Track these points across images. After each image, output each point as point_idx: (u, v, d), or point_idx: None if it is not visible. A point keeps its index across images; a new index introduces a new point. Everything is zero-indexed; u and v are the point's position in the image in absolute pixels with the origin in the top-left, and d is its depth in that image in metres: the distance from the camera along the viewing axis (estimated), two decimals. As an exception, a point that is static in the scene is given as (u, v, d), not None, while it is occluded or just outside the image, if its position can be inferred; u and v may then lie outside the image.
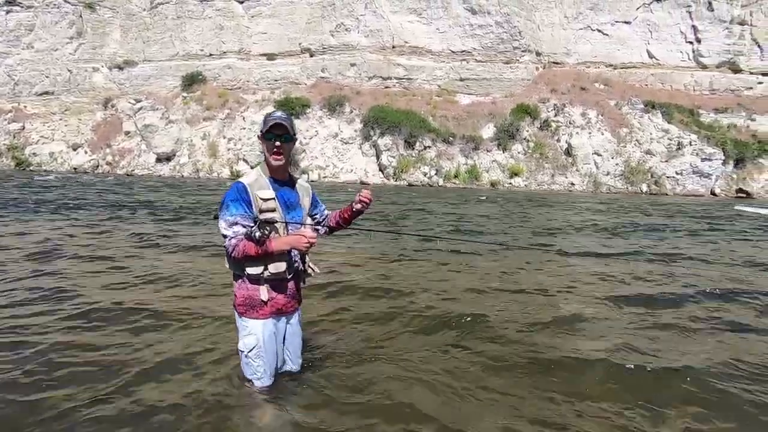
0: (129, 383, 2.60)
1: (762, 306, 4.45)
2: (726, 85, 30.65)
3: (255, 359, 2.37)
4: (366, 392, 2.61)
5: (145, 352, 3.01)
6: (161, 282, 4.74)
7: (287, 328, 2.51)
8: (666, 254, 7.11)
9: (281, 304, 2.39)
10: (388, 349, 3.21)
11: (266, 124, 2.31)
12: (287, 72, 32.40)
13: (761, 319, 4.08)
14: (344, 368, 2.89)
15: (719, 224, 11.61)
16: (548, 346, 3.29)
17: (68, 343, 3.12)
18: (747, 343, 3.51)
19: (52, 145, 31.20)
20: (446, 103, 29.86)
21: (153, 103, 31.16)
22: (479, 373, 2.88)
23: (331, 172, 26.75)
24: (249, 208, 2.23)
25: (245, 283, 2.31)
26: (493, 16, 30.38)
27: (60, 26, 33.09)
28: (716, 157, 25.50)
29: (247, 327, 2.34)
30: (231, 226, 2.20)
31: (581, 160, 26.63)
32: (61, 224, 8.33)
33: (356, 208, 2.47)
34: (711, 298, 4.70)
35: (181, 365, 2.84)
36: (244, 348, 2.36)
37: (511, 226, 10.22)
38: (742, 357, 3.17)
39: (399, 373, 2.83)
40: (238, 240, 2.18)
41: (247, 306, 2.32)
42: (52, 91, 33.17)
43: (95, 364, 2.85)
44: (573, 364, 3.00)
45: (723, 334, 3.66)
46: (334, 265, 5.64)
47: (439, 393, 2.62)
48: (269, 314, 2.35)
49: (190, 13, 33.34)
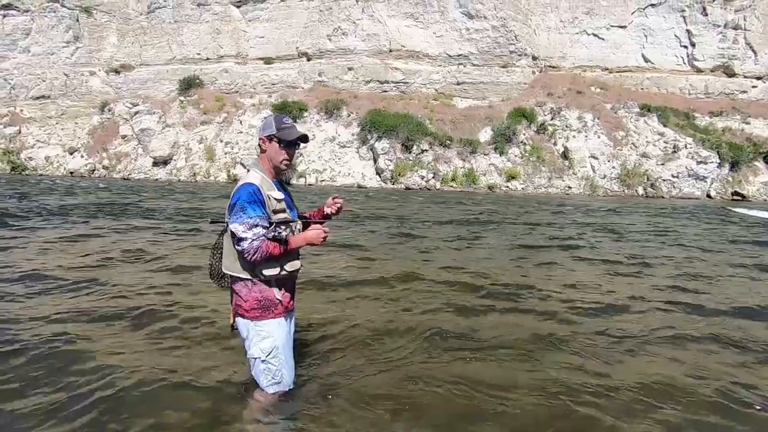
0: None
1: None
2: (721, 88, 30.90)
3: (274, 361, 2.30)
4: (374, 401, 2.53)
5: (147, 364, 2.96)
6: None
7: (290, 327, 2.50)
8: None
9: (288, 301, 2.40)
10: (393, 353, 3.16)
11: (288, 132, 2.29)
12: (284, 76, 32.45)
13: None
14: (349, 374, 2.82)
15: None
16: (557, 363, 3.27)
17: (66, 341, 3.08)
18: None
19: (48, 149, 31.12)
20: (443, 106, 29.97)
21: (150, 107, 31.13)
22: (492, 383, 2.78)
23: (328, 175, 26.75)
24: (264, 209, 2.21)
25: (258, 285, 2.27)
26: (490, 20, 30.56)
27: (57, 30, 33.07)
28: (711, 160, 25.65)
29: (263, 330, 2.28)
30: (251, 228, 2.14)
31: (578, 163, 26.75)
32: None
33: (326, 212, 2.48)
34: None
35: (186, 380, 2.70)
36: (260, 354, 2.29)
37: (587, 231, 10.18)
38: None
39: (406, 379, 2.78)
40: (261, 242, 2.14)
41: (263, 308, 2.28)
42: (48, 95, 33.10)
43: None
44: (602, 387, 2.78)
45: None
46: (336, 266, 5.62)
47: (449, 401, 2.55)
48: (282, 313, 2.34)
49: (187, 17, 33.40)
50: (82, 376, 2.67)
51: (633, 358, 3.21)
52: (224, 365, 2.85)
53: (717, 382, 2.86)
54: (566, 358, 3.19)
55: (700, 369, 3.06)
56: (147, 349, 3.11)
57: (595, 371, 2.97)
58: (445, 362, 3.07)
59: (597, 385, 2.76)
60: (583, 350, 3.32)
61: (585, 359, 3.17)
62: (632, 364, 3.11)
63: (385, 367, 2.96)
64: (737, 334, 3.73)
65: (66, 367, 2.79)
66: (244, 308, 2.29)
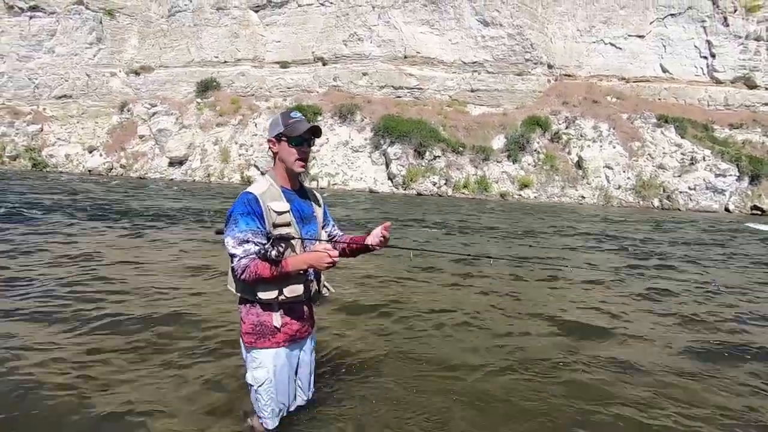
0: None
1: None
2: (741, 100, 30.30)
3: (264, 395, 2.08)
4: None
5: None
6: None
7: (300, 356, 2.24)
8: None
9: (295, 330, 2.11)
10: (404, 375, 3.01)
11: (295, 127, 2.00)
12: (300, 80, 32.78)
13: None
14: (359, 402, 2.65)
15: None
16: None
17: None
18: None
19: (68, 147, 31.84)
20: (457, 113, 29.92)
21: (168, 108, 31.70)
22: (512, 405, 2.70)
23: (340, 179, 26.86)
24: (261, 222, 1.95)
25: (255, 308, 2.04)
26: (506, 28, 30.50)
27: (80, 32, 33.95)
28: (730, 173, 25.12)
29: (257, 359, 2.06)
30: (241, 244, 1.90)
31: (592, 173, 26.43)
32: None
33: (371, 243, 2.12)
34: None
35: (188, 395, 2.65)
36: (253, 382, 2.09)
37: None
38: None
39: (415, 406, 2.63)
40: (249, 260, 1.89)
41: (257, 334, 2.05)
42: (70, 94, 33.94)
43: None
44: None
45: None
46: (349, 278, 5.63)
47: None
48: (282, 342, 2.08)
49: (206, 21, 34.01)
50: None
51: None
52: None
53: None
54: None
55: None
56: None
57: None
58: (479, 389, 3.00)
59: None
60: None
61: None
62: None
63: (402, 392, 2.82)
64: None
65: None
66: (241, 330, 2.10)
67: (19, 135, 31.83)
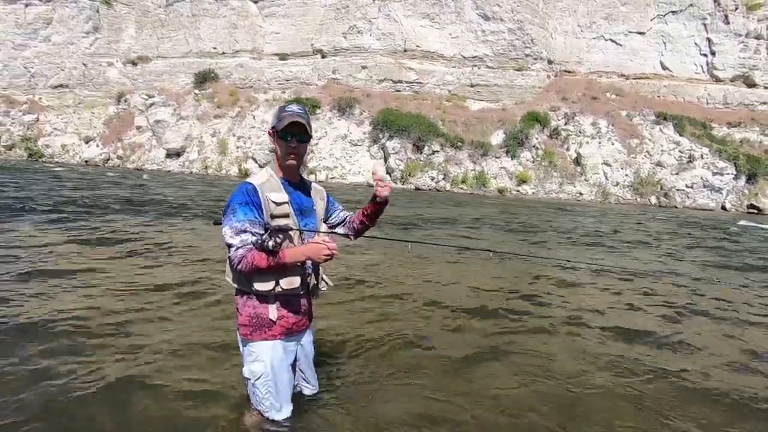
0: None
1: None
2: (740, 99, 30.34)
3: (261, 389, 2.07)
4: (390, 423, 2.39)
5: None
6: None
7: (299, 350, 2.23)
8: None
9: (292, 323, 2.10)
10: (411, 370, 3.01)
11: (281, 120, 2.01)
12: (298, 72, 32.58)
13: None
14: (365, 393, 2.68)
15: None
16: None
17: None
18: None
19: (64, 137, 31.62)
20: (456, 108, 29.85)
21: (165, 99, 31.47)
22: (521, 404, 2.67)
23: (339, 173, 26.81)
24: (259, 212, 1.95)
25: (252, 300, 2.03)
26: (506, 23, 30.36)
27: (77, 21, 33.57)
28: (728, 171, 25.22)
29: (253, 352, 2.05)
30: (238, 234, 1.89)
31: (590, 169, 26.47)
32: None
33: (378, 195, 2.14)
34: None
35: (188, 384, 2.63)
36: (249, 375, 2.07)
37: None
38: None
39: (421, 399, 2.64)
40: (246, 250, 1.88)
41: (254, 326, 2.03)
42: (66, 84, 33.63)
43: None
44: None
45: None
46: (351, 268, 5.63)
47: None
48: (278, 335, 2.06)
49: (205, 12, 33.69)
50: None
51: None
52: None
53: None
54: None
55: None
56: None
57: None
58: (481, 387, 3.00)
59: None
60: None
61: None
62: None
63: (406, 385, 2.83)
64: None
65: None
66: (238, 322, 2.08)
67: (15, 124, 31.57)
